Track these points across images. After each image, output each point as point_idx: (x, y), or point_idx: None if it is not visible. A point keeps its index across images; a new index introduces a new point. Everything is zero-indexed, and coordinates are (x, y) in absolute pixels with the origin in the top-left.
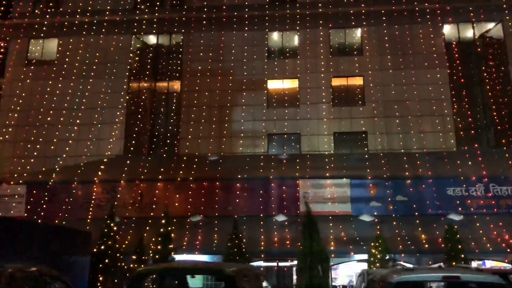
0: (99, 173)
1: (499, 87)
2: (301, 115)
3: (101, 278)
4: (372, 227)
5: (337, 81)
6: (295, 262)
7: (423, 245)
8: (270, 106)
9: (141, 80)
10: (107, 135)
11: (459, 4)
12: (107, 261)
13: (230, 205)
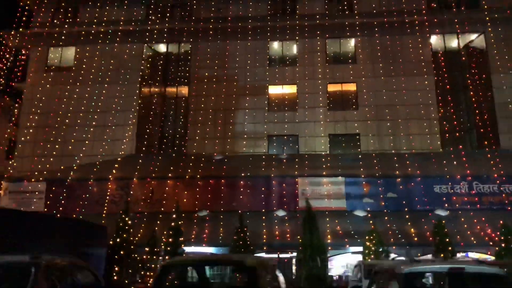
0: (113, 171)
1: (481, 93)
2: (299, 118)
3: (117, 268)
4: (365, 221)
5: (333, 87)
6: (295, 254)
7: (413, 238)
8: (270, 109)
9: (152, 85)
10: (120, 136)
11: (445, 16)
12: (122, 253)
13: (234, 201)
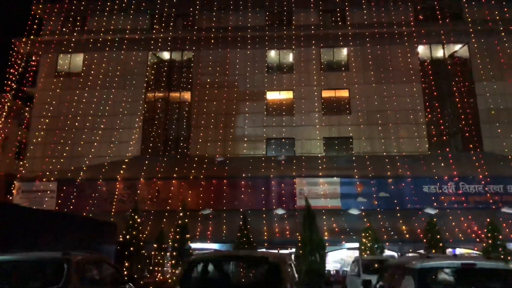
0: (121, 171)
1: (466, 99)
2: (296, 122)
3: (127, 264)
4: (359, 219)
5: (327, 93)
6: (294, 250)
7: (404, 235)
8: (269, 114)
9: (156, 90)
10: (127, 138)
11: (432, 28)
12: (132, 249)
13: (236, 200)
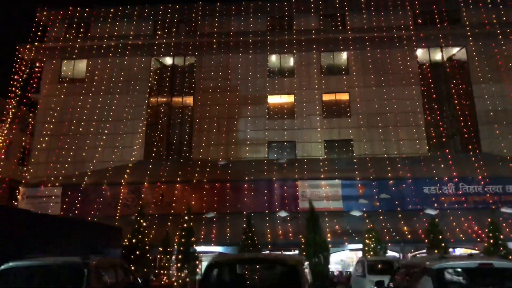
0: (125, 176)
1: (464, 102)
2: (297, 125)
3: (133, 267)
4: (361, 221)
5: (327, 97)
6: (297, 251)
7: (406, 236)
8: (270, 117)
9: (159, 95)
10: (130, 143)
11: (430, 31)
12: (138, 252)
13: (239, 203)
